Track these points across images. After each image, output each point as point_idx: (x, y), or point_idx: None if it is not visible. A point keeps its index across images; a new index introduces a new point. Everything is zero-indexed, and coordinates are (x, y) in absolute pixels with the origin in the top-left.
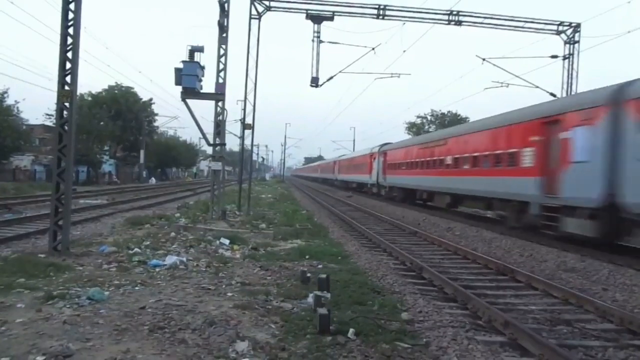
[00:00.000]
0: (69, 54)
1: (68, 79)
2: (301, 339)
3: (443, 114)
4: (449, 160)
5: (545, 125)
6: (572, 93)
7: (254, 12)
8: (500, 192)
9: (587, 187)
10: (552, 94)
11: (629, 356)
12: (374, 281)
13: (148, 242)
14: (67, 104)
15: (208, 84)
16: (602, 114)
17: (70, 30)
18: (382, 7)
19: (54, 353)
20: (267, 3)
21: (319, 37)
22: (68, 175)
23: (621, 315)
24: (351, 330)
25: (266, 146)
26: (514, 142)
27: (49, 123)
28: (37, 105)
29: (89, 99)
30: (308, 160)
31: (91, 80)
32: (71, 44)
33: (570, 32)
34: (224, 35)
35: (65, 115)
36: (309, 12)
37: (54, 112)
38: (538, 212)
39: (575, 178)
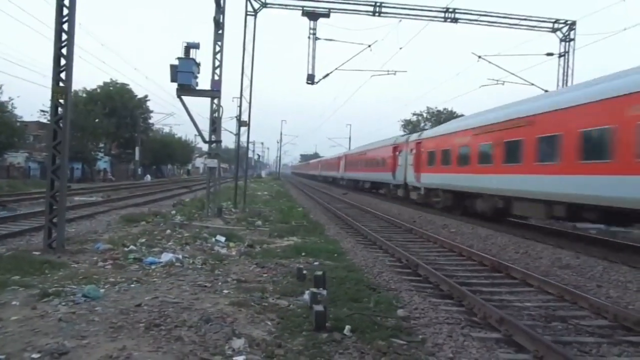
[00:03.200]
0: (64, 50)
1: (63, 75)
2: (297, 336)
3: (439, 111)
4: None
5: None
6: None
7: (249, 8)
8: None
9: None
10: (547, 92)
11: (622, 352)
12: (370, 278)
13: (143, 240)
14: (61, 101)
15: (204, 81)
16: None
17: (65, 26)
18: (378, 4)
19: (49, 351)
20: (262, 0)
21: (314, 34)
22: (63, 173)
23: (615, 311)
24: (347, 327)
25: (262, 143)
26: None
27: (43, 120)
28: (32, 102)
29: (84, 95)
30: (304, 157)
31: (86, 77)
32: (66, 40)
33: (566, 30)
34: (220, 32)
35: (59, 112)
36: (304, 8)
37: (48, 109)
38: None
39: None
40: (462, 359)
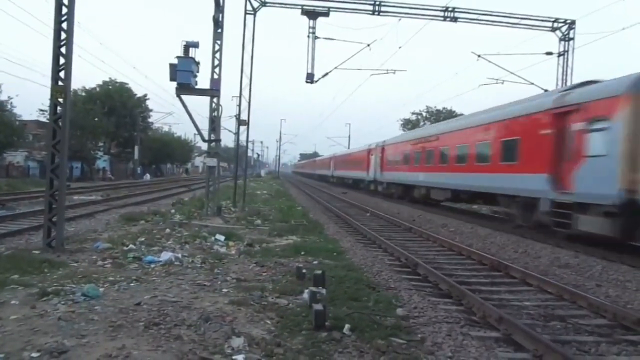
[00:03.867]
0: (63, 49)
1: (62, 74)
2: (297, 335)
3: (438, 110)
4: None
5: None
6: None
7: (249, 7)
8: None
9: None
10: (547, 91)
11: (621, 351)
12: (369, 277)
13: (143, 239)
14: (60, 100)
15: (203, 80)
16: (374, 151)
17: (64, 25)
18: (377, 3)
19: (49, 349)
20: None
21: (314, 33)
22: (62, 172)
23: (614, 310)
24: (347, 326)
25: (261, 142)
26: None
27: (42, 119)
28: (31, 101)
29: (83, 94)
30: (304, 156)
31: (85, 76)
32: (65, 39)
33: (565, 29)
34: (219, 30)
35: (59, 111)
36: (304, 7)
37: (47, 108)
38: None
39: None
40: (462, 358)
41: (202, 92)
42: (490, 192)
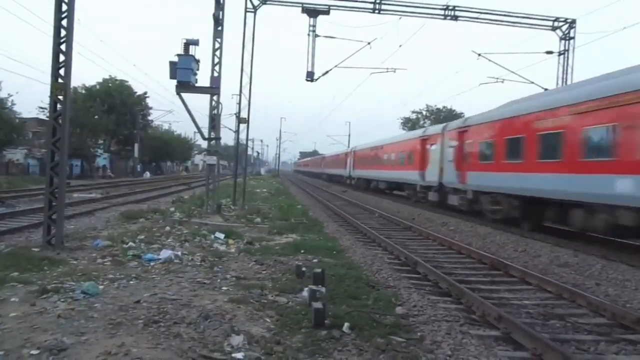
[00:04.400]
0: (63, 47)
1: (62, 71)
2: (296, 333)
3: (438, 109)
4: None
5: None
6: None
7: (249, 5)
8: None
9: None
10: (547, 90)
11: (620, 350)
12: (369, 275)
13: (143, 236)
14: (60, 97)
15: (203, 78)
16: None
17: (64, 22)
18: (377, 1)
19: (48, 347)
20: None
21: (314, 31)
22: (62, 169)
23: (613, 309)
24: (346, 324)
25: (261, 140)
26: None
27: (42, 116)
28: (31, 98)
29: (83, 92)
30: (303, 155)
31: (85, 74)
32: (65, 36)
33: (566, 28)
34: (219, 28)
35: (58, 109)
36: (304, 5)
37: (47, 105)
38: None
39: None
40: (461, 356)
41: (202, 90)
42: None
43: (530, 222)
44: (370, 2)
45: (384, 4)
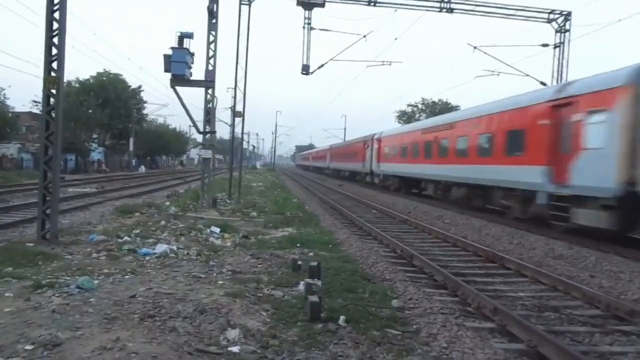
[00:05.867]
0: (55, 40)
1: (54, 65)
2: (292, 327)
3: (434, 102)
4: None
5: None
6: (562, 82)
7: None
8: None
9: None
10: (543, 83)
11: (614, 341)
12: (365, 269)
13: (138, 231)
14: (53, 91)
15: (198, 71)
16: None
17: (56, 15)
18: None
19: (43, 342)
20: None
21: (309, 24)
22: (55, 164)
23: (607, 301)
24: (342, 317)
25: (257, 134)
26: None
27: (35, 110)
28: (24, 92)
29: (77, 85)
30: (299, 148)
31: (79, 68)
32: (57, 29)
33: (561, 21)
34: (214, 21)
35: (52, 102)
36: None
37: (40, 99)
38: None
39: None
40: (456, 348)
41: (196, 83)
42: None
43: (404, 188)
44: None
45: None
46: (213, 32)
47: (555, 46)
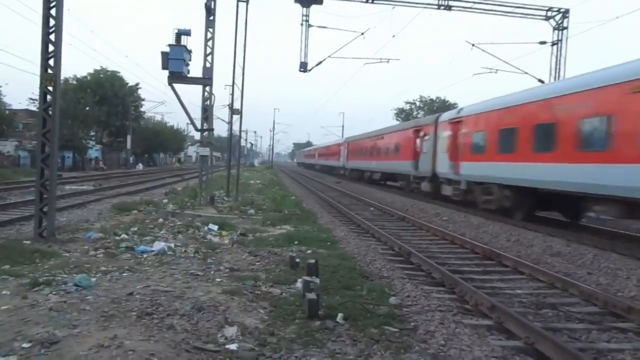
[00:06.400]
0: (52, 37)
1: (51, 62)
2: (290, 324)
3: (432, 100)
4: None
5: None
6: (561, 79)
7: None
8: None
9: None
10: (541, 80)
11: (611, 338)
12: (363, 266)
13: (135, 228)
14: (50, 88)
15: (195, 69)
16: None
17: (53, 12)
18: None
19: (40, 340)
20: None
21: (307, 21)
22: (52, 161)
23: (605, 298)
24: (340, 314)
25: (255, 132)
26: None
27: (32, 108)
28: (21, 89)
29: (74, 83)
30: (297, 146)
31: (76, 65)
32: (54, 25)
33: (559, 18)
34: (211, 18)
35: (48, 100)
36: None
37: (37, 97)
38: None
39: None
40: (454, 345)
41: (194, 80)
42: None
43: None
44: None
45: None
46: (211, 29)
47: (553, 44)
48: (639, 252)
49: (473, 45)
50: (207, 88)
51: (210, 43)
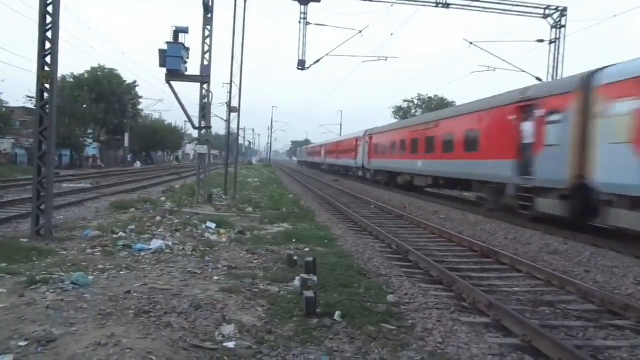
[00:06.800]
0: (49, 34)
1: (48, 59)
2: (288, 322)
3: (430, 98)
4: None
5: None
6: (558, 78)
7: None
8: None
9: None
10: (538, 79)
11: (608, 336)
12: (361, 264)
13: (133, 227)
14: (47, 86)
15: (193, 66)
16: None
17: (50, 9)
18: None
19: (37, 338)
20: None
21: (305, 18)
22: (50, 159)
23: (602, 296)
24: (337, 312)
25: (253, 130)
26: None
27: (29, 105)
28: (18, 87)
29: (71, 80)
30: (295, 144)
31: (73, 63)
32: (50, 22)
33: (557, 16)
34: (209, 16)
35: (45, 97)
36: None
37: (34, 94)
38: None
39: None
40: (452, 343)
41: (192, 78)
42: None
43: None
44: None
45: None
46: (208, 27)
47: (551, 42)
48: (636, 250)
49: (471, 43)
50: (205, 86)
51: (208, 41)
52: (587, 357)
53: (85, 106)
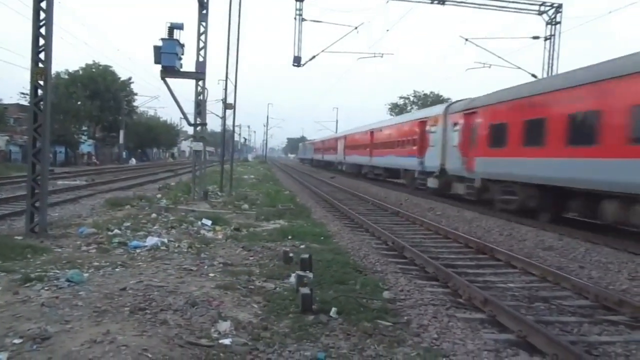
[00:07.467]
0: (43, 30)
1: (42, 56)
2: (284, 319)
3: (426, 94)
4: None
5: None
6: (553, 74)
7: None
8: None
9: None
10: (534, 75)
11: (603, 331)
12: (356, 261)
13: (128, 224)
14: (41, 82)
15: (188, 63)
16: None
17: (43, 5)
18: None
19: (32, 335)
20: None
21: (301, 15)
22: (44, 156)
23: (596, 292)
24: (333, 309)
25: (248, 127)
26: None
27: (23, 102)
28: (11, 83)
29: (66, 77)
30: (291, 141)
31: (68, 59)
32: (44, 19)
33: (552, 13)
34: (204, 12)
35: (39, 94)
36: None
37: (28, 91)
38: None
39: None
40: (447, 339)
41: (187, 75)
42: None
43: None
44: None
45: None
46: (204, 23)
47: (546, 38)
48: (630, 246)
49: (466, 40)
50: (200, 82)
51: (203, 37)
52: (581, 353)
53: (79, 103)
